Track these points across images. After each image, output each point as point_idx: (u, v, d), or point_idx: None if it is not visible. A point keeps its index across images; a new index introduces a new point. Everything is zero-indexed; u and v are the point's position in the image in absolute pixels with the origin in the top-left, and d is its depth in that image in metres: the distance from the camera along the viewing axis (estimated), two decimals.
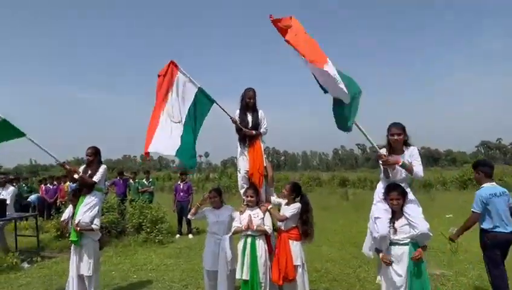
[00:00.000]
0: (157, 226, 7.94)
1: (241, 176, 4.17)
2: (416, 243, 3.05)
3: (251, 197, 3.96)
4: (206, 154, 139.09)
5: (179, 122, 4.15)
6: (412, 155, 3.15)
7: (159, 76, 4.20)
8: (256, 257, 3.81)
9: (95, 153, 4.32)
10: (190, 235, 8.58)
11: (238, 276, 3.89)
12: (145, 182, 10.29)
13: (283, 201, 4.14)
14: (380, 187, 3.32)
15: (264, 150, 4.28)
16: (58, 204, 11.25)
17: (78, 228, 3.98)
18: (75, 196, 4.27)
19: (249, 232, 3.87)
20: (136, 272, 5.70)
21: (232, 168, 46.12)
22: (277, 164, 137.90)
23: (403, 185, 3.17)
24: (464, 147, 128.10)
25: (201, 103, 4.17)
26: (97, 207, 4.20)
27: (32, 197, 11.94)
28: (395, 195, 3.05)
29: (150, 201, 9.43)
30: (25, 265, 6.13)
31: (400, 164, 3.01)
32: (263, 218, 3.94)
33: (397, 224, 3.08)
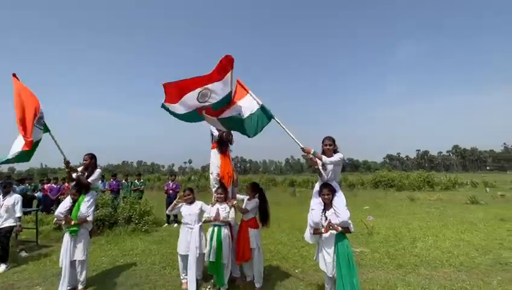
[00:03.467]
0: (144, 218, 7.34)
1: (213, 177, 3.96)
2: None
3: (220, 194, 3.80)
4: (190, 161, 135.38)
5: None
6: (336, 157, 3.16)
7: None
8: (221, 243, 3.60)
9: (91, 158, 3.94)
10: (175, 225, 7.98)
11: (206, 258, 3.65)
12: (137, 182, 9.58)
13: (245, 197, 3.99)
14: (318, 185, 3.28)
15: (233, 159, 4.17)
16: (60, 200, 10.12)
17: (80, 220, 3.60)
18: (78, 191, 3.78)
19: (216, 223, 3.66)
20: (123, 257, 5.14)
21: (208, 172, 44.84)
22: (244, 169, 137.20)
23: (333, 183, 3.16)
24: (375, 158, 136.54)
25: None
26: (94, 204, 3.87)
27: (39, 194, 10.73)
28: (326, 191, 3.05)
29: (140, 198, 8.76)
30: (23, 254, 5.32)
31: (312, 151, 3.04)
32: (229, 211, 3.75)
33: (327, 213, 3.05)
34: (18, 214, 4.83)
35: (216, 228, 3.66)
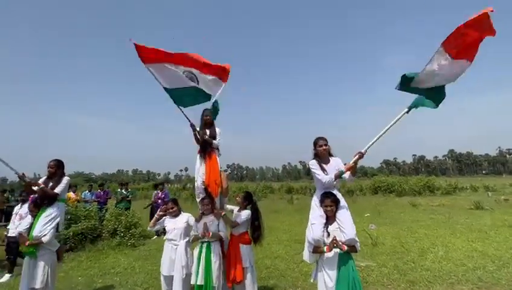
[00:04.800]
0: (130, 231, 6.80)
1: (197, 186, 3.46)
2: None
3: (207, 205, 3.30)
4: (186, 169, 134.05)
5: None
6: (339, 163, 2.81)
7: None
8: (211, 262, 3.10)
9: (57, 165, 3.36)
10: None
11: (193, 281, 3.11)
12: (124, 191, 9.02)
13: (235, 208, 3.51)
14: (316, 195, 2.83)
15: (229, 166, 3.64)
16: None
17: (34, 241, 2.99)
18: (36, 206, 3.25)
19: (205, 239, 3.16)
20: (102, 277, 4.60)
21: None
22: (240, 176, 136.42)
23: (334, 191, 2.72)
24: (372, 164, 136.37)
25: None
26: (58, 219, 3.21)
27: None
28: (329, 202, 2.60)
29: (126, 208, 8.18)
30: None
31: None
32: (218, 224, 3.27)
33: (330, 228, 2.59)
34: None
35: (205, 245, 3.16)
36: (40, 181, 3.28)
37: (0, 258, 5.56)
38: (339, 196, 2.72)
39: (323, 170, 2.72)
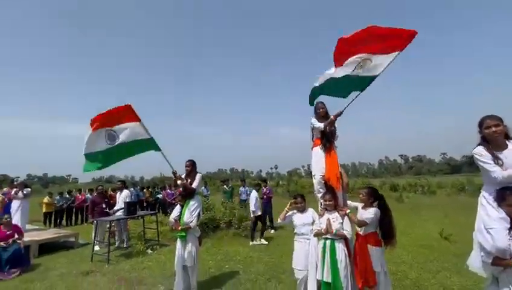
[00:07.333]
0: (243, 223, 7.42)
1: (316, 181, 3.33)
2: None
3: (329, 201, 3.12)
4: (276, 167, 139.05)
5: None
6: None
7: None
8: (336, 261, 2.91)
9: (192, 164, 4.01)
10: (272, 231, 7.84)
11: (319, 277, 3.01)
12: (226, 187, 10.14)
13: (359, 205, 3.20)
14: (487, 192, 2.17)
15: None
16: (174, 204, 11.84)
17: (185, 226, 3.67)
18: (183, 198, 3.96)
19: (328, 236, 3.01)
20: (227, 262, 5.15)
21: (296, 176, 44.36)
22: None
23: None
24: None
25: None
26: (198, 209, 3.85)
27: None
28: None
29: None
30: (149, 251, 6.11)
31: None
32: (342, 222, 3.05)
33: None
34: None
35: (328, 242, 3.00)
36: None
37: (150, 238, 7.11)
38: None
39: (496, 158, 2.04)
